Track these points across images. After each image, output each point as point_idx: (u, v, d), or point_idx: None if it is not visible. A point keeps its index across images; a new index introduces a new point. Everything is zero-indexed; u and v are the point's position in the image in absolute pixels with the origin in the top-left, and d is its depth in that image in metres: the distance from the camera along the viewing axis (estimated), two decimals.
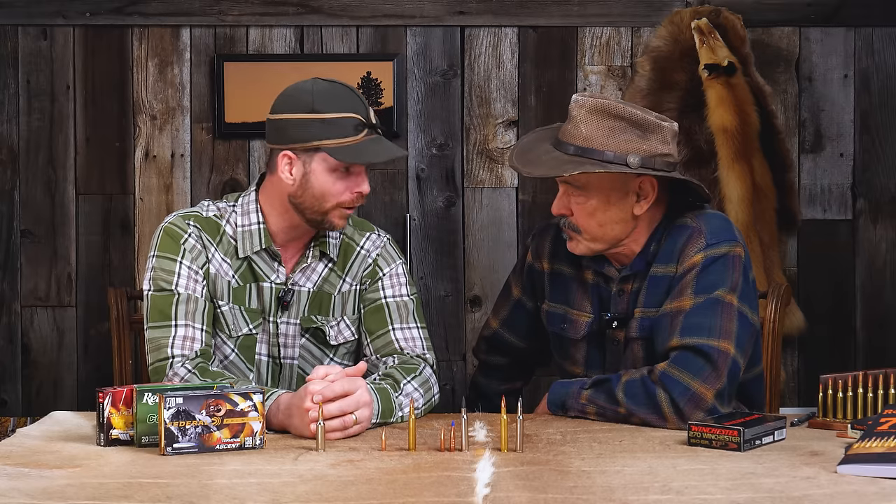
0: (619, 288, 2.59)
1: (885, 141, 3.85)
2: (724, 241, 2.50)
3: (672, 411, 2.38)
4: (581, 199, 2.52)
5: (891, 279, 3.86)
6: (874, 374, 2.44)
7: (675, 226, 2.55)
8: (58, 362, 3.83)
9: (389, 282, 2.67)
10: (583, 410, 2.48)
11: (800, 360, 3.85)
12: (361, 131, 2.50)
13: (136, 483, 1.94)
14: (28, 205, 3.82)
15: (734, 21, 3.72)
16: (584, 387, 2.49)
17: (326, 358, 2.66)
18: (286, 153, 2.53)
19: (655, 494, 1.87)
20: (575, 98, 2.53)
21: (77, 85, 3.80)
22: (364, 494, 1.87)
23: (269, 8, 3.79)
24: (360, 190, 2.54)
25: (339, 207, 2.54)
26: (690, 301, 2.46)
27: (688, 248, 2.50)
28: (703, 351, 2.40)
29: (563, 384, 2.56)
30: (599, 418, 2.47)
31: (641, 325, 2.54)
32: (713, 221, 2.54)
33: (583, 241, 2.56)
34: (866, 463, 1.97)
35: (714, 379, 2.39)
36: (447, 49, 3.83)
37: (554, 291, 2.70)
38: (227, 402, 2.18)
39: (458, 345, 3.85)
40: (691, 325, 2.43)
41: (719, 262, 2.47)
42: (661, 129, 2.48)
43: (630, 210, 2.53)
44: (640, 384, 2.42)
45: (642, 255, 2.56)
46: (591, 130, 2.46)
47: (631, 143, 2.46)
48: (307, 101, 2.50)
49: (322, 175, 2.52)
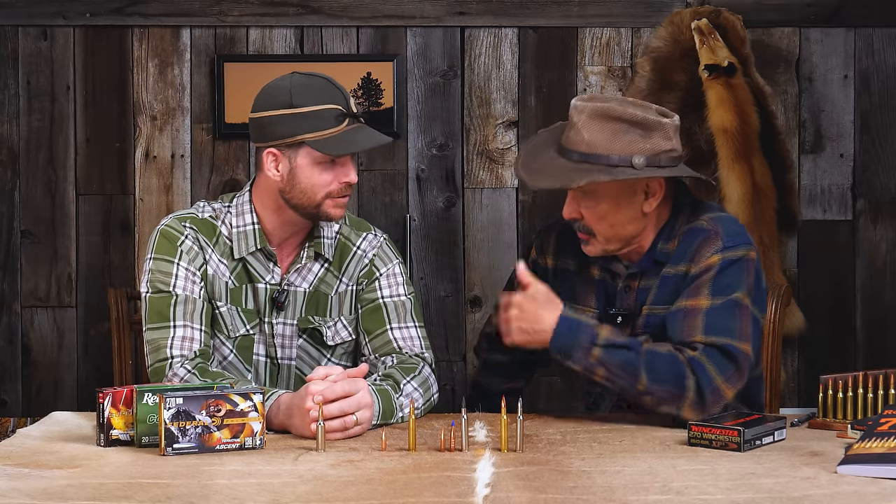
0: (625, 284, 2.59)
1: (885, 141, 3.85)
2: (741, 244, 2.51)
3: (696, 400, 2.37)
4: (591, 204, 2.52)
5: (891, 279, 3.86)
6: (874, 374, 2.44)
7: (691, 228, 2.55)
8: (58, 362, 3.83)
9: (386, 281, 2.66)
10: (590, 369, 2.41)
11: (800, 361, 3.85)
12: (342, 122, 2.49)
13: (136, 483, 1.94)
14: (28, 205, 3.82)
15: (734, 21, 3.72)
16: (596, 341, 2.40)
17: (324, 358, 2.66)
18: (270, 150, 2.54)
19: (655, 494, 1.87)
20: (574, 103, 2.52)
21: (77, 85, 3.80)
22: (364, 494, 1.87)
23: (269, 8, 3.79)
24: (348, 179, 2.53)
25: (330, 198, 2.53)
26: (708, 301, 2.46)
27: (704, 249, 2.51)
28: (730, 351, 2.41)
29: (572, 327, 2.42)
30: (605, 382, 2.41)
31: (648, 322, 2.54)
32: (729, 224, 2.55)
33: (598, 243, 2.56)
34: (866, 463, 1.98)
35: (737, 380, 2.42)
36: (447, 49, 3.83)
37: (558, 287, 2.70)
38: (227, 403, 2.18)
39: (458, 345, 3.85)
40: (716, 324, 2.43)
41: (736, 266, 2.48)
42: (662, 126, 2.48)
43: (640, 209, 2.53)
44: (667, 361, 2.39)
45: (650, 253, 2.57)
46: (593, 136, 2.46)
47: (634, 143, 2.46)
48: (285, 97, 2.50)
49: (308, 169, 2.52)
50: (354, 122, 2.51)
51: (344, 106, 2.50)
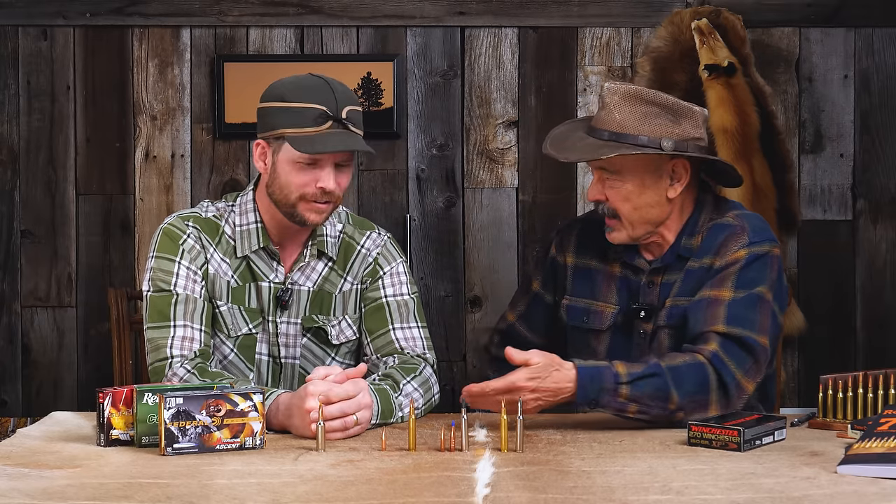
0: (649, 279, 2.62)
1: (885, 141, 3.85)
2: (767, 240, 2.56)
3: (721, 396, 2.39)
4: (617, 184, 2.55)
5: (891, 279, 3.86)
6: (874, 374, 2.44)
7: (716, 224, 2.59)
8: (58, 362, 3.83)
9: (390, 280, 2.67)
10: (622, 408, 2.38)
11: (800, 361, 3.85)
12: (324, 123, 2.47)
13: (136, 483, 1.94)
14: (28, 205, 3.82)
15: (734, 21, 3.72)
16: (620, 380, 2.37)
17: (328, 357, 2.66)
18: (258, 142, 2.55)
19: (655, 494, 1.87)
20: (607, 86, 2.57)
21: (77, 85, 3.80)
22: (364, 494, 1.87)
23: (269, 8, 3.79)
24: (322, 185, 2.49)
25: (304, 201, 2.51)
26: (730, 293, 2.49)
27: (730, 244, 2.54)
28: (748, 343, 2.44)
29: (593, 375, 2.37)
30: (638, 416, 2.38)
31: (671, 314, 2.56)
32: (754, 221, 2.59)
33: (623, 229, 2.58)
34: (866, 463, 1.98)
35: (755, 373, 2.45)
36: (447, 49, 3.82)
37: (577, 285, 2.72)
38: (227, 403, 2.18)
39: (458, 345, 3.85)
40: (737, 315, 2.46)
41: (761, 261, 2.52)
42: (692, 114, 2.54)
43: (664, 193, 2.57)
44: (689, 368, 2.40)
45: (673, 248, 2.60)
46: (624, 116, 2.51)
47: (664, 127, 2.51)
48: (280, 91, 2.51)
49: (286, 165, 2.51)
50: (338, 126, 2.48)
51: (332, 109, 2.47)
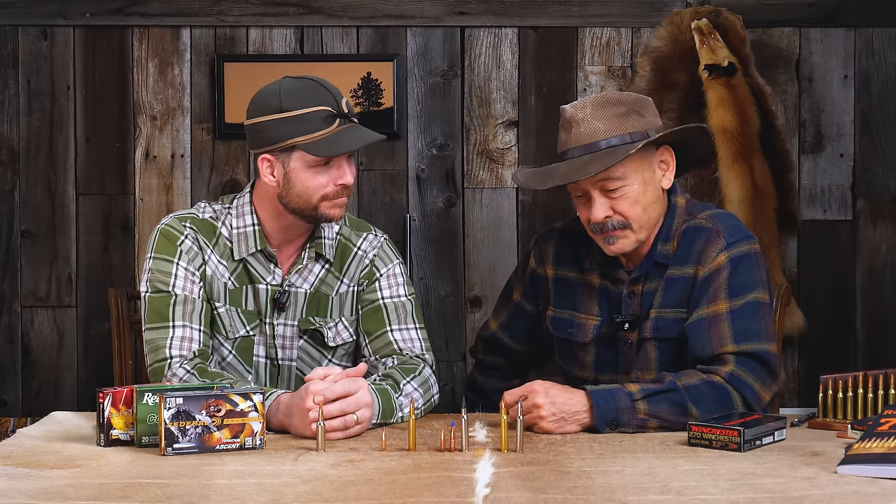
0: (629, 290, 2.58)
1: (885, 141, 3.85)
2: (743, 238, 2.54)
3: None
4: (623, 190, 2.49)
5: (891, 279, 3.86)
6: (874, 374, 2.44)
7: (689, 227, 2.56)
8: (58, 362, 3.83)
9: (387, 282, 2.66)
10: (643, 425, 2.36)
11: (800, 361, 3.85)
12: (333, 122, 2.48)
13: (136, 483, 1.94)
14: (28, 205, 3.82)
15: (734, 21, 3.72)
16: (635, 397, 2.36)
17: (325, 359, 2.66)
18: (264, 156, 2.53)
19: (655, 494, 1.87)
20: (566, 107, 2.53)
21: (77, 85, 3.80)
22: (364, 494, 1.87)
23: (269, 8, 3.79)
24: (343, 181, 2.52)
25: (326, 200, 2.52)
26: (726, 304, 2.47)
27: (709, 249, 2.52)
28: (762, 357, 2.44)
29: (607, 396, 2.37)
30: (661, 430, 2.38)
31: (656, 326, 2.54)
32: (728, 220, 2.57)
33: (631, 235, 2.52)
34: (866, 463, 1.97)
35: (771, 382, 2.47)
36: (447, 49, 3.82)
37: (559, 297, 2.69)
38: (227, 403, 2.18)
39: (458, 345, 3.85)
40: (742, 330, 2.45)
41: (744, 263, 2.50)
42: (648, 102, 2.56)
43: (659, 185, 2.56)
44: (708, 388, 2.39)
45: (650, 255, 2.57)
46: (605, 123, 2.49)
47: (637, 121, 2.51)
48: (276, 102, 2.49)
49: (302, 172, 2.51)
50: (346, 122, 2.50)
51: (334, 107, 2.48)
